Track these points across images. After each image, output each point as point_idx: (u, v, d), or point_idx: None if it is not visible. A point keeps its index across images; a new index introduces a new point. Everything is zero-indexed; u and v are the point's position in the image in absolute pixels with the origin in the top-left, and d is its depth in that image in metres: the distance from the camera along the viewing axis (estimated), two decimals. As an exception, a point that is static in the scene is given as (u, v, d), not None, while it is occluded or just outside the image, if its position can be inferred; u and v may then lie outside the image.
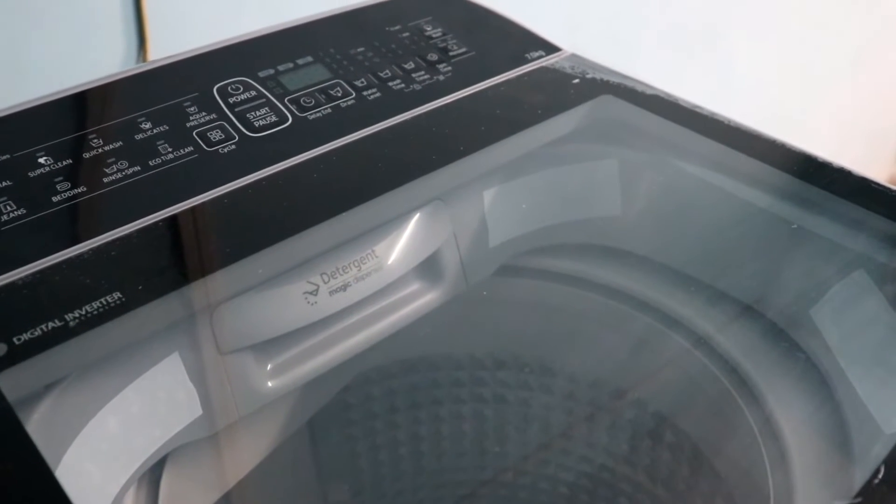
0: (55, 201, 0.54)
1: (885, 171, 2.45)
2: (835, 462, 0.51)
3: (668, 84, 0.70)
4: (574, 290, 0.71)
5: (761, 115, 1.87)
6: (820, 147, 0.63)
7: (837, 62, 2.05)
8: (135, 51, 0.95)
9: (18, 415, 0.43)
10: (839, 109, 2.15)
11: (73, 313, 0.47)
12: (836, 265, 0.59)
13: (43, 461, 0.41)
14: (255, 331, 0.57)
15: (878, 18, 2.09)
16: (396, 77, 0.67)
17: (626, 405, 0.73)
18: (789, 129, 2.00)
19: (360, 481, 0.85)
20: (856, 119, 2.23)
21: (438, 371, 0.80)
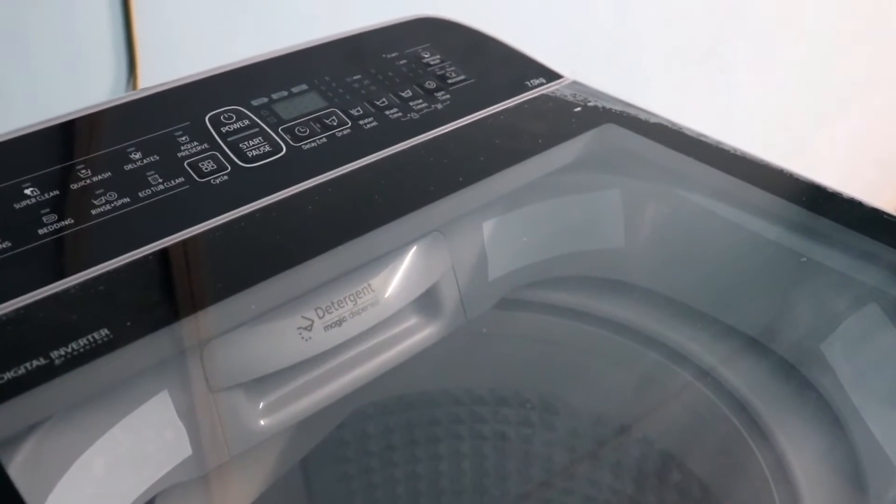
0: (41, 234, 0.54)
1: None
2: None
3: (671, 107, 0.70)
4: (577, 325, 0.71)
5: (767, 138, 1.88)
6: (829, 172, 0.63)
7: (847, 85, 2.06)
8: (124, 78, 0.95)
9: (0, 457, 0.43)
10: (849, 133, 2.16)
11: (58, 351, 0.47)
12: (848, 299, 0.59)
13: (25, 506, 0.41)
14: (247, 367, 0.57)
15: (889, 40, 2.10)
16: (393, 105, 0.67)
17: (632, 443, 0.73)
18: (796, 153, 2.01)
19: (355, 522, 0.84)
20: (866, 143, 2.24)
21: (437, 407, 0.80)
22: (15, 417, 0.46)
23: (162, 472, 0.55)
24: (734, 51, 1.72)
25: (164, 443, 0.55)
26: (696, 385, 0.64)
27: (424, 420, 0.81)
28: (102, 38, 0.92)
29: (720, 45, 1.69)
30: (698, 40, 1.64)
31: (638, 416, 0.72)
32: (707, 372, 0.64)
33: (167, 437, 0.55)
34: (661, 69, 1.59)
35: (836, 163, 2.14)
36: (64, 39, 0.90)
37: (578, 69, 0.75)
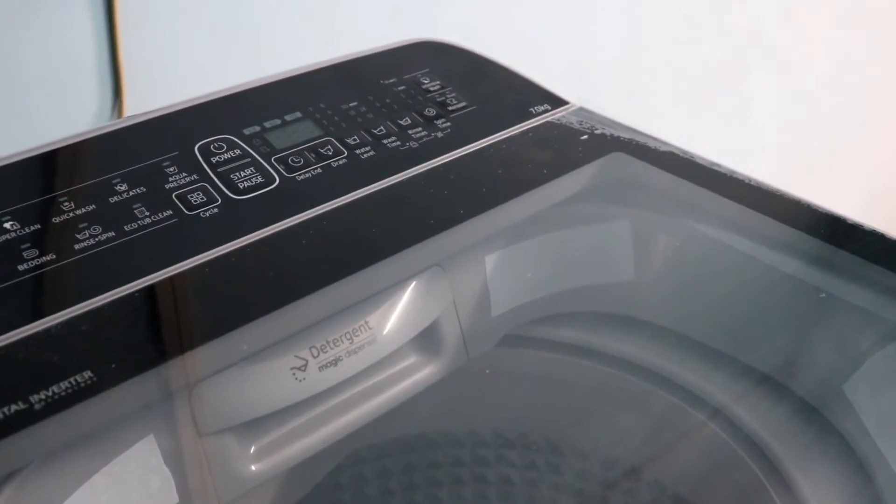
0: (21, 270, 0.54)
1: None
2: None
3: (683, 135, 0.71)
4: (584, 363, 0.71)
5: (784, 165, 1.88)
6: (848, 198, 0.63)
7: (864, 108, 2.07)
8: (109, 104, 0.96)
9: (-24, 508, 0.43)
10: (868, 158, 2.17)
11: (38, 395, 0.47)
12: (871, 336, 0.59)
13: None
14: (238, 410, 0.57)
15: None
16: (391, 134, 0.68)
17: (643, 488, 0.73)
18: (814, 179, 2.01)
19: (351, 571, 0.84)
20: (886, 168, 2.24)
21: (437, 449, 0.80)
22: (-8, 466, 0.46)
23: (147, 521, 0.55)
24: (748, 76, 1.73)
25: (150, 491, 0.55)
26: (711, 427, 0.64)
27: (424, 463, 0.80)
28: (87, 61, 0.93)
29: (732, 67, 1.69)
30: (709, 63, 1.65)
31: (649, 460, 0.72)
32: (723, 413, 0.64)
33: (153, 484, 0.55)
34: (672, 95, 1.60)
35: (855, 189, 2.15)
36: (45, 63, 0.91)
37: (585, 95, 0.75)
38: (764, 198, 0.64)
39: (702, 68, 1.64)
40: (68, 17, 0.91)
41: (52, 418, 0.46)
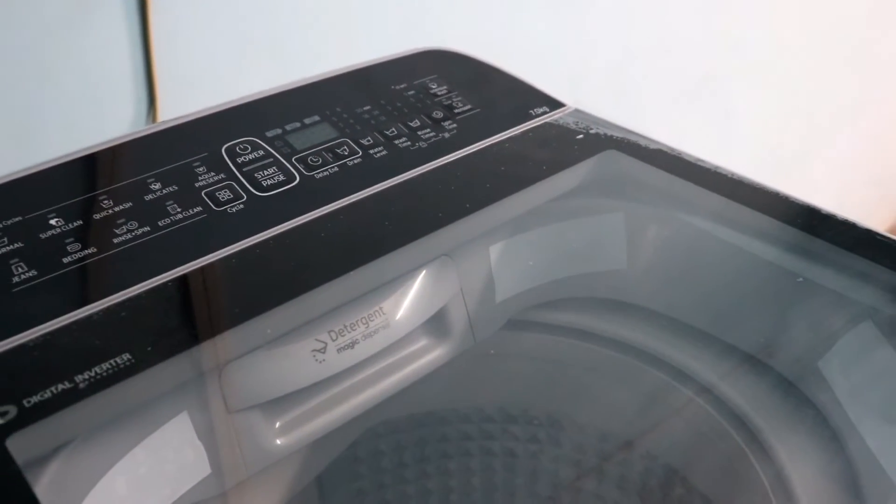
0: (66, 262, 0.54)
1: (891, 216, 2.45)
2: (848, 518, 0.51)
3: (671, 134, 0.70)
4: (582, 344, 0.70)
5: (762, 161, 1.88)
6: (822, 193, 0.63)
7: (837, 109, 2.06)
8: (144, 112, 0.96)
9: (27, 477, 0.43)
10: (841, 155, 2.16)
11: (82, 375, 0.47)
12: (844, 317, 0.59)
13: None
14: (264, 389, 0.57)
15: (878, 65, 2.10)
16: (402, 135, 0.68)
17: (636, 459, 0.73)
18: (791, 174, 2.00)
19: (369, 537, 0.84)
20: (858, 165, 2.24)
21: (447, 425, 0.80)
22: (42, 439, 0.46)
23: (182, 490, 0.55)
24: (730, 79, 1.73)
25: (184, 462, 0.55)
26: (698, 402, 0.64)
27: (435, 437, 0.80)
28: (124, 73, 0.93)
29: (717, 73, 1.69)
30: (695, 69, 1.65)
31: (642, 432, 0.71)
32: (708, 389, 0.64)
33: (187, 456, 0.55)
34: (660, 97, 1.60)
35: (830, 183, 2.14)
36: (87, 75, 0.91)
37: (580, 99, 0.75)
38: (745, 191, 0.64)
39: (687, 75, 1.63)
40: (108, 34, 0.91)
41: (95, 396, 0.47)
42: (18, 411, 0.45)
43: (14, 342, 0.49)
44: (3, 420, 0.45)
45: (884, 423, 0.54)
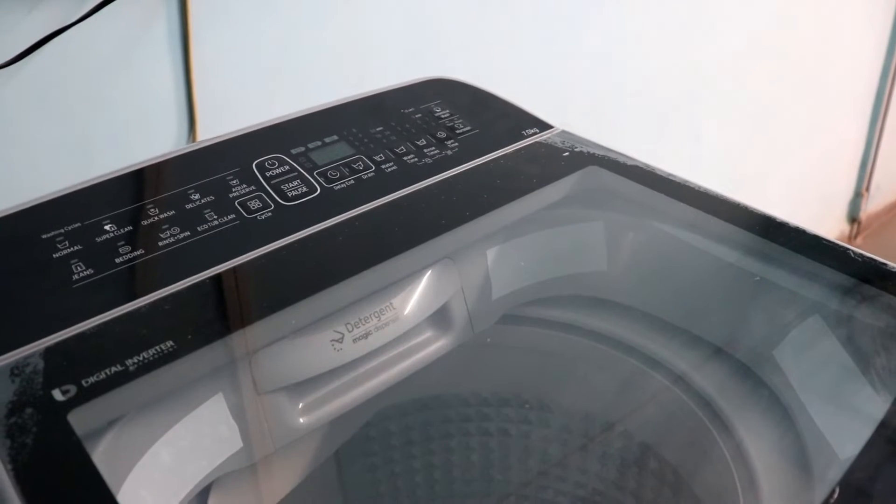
0: (118, 262, 0.55)
1: (836, 228, 2.45)
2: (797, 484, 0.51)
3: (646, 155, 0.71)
4: (567, 336, 0.70)
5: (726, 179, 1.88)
6: (777, 207, 0.64)
7: (792, 134, 2.07)
8: (185, 132, 0.96)
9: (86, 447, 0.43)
10: (794, 174, 2.16)
11: (132, 359, 0.48)
12: (795, 312, 0.59)
13: (107, 489, 0.41)
14: (289, 374, 0.57)
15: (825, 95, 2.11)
16: (410, 152, 0.68)
17: (615, 437, 0.73)
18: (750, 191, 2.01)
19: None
20: (809, 183, 2.24)
21: (449, 408, 0.80)
22: (98, 414, 0.46)
23: (217, 461, 0.55)
24: (698, 108, 1.73)
25: (219, 437, 0.55)
26: (669, 386, 0.64)
27: (438, 419, 0.80)
28: (168, 99, 0.94)
29: (686, 102, 1.70)
30: (668, 99, 1.65)
31: (620, 414, 0.72)
32: (678, 374, 0.64)
33: (222, 432, 0.55)
34: (636, 121, 1.60)
35: (784, 199, 2.14)
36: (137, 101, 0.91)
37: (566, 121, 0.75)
38: (711, 202, 0.64)
39: (661, 104, 1.64)
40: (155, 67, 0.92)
41: (143, 378, 0.47)
42: (78, 390, 0.46)
43: (74, 331, 0.50)
44: (65, 397, 0.45)
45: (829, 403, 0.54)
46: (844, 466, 0.44)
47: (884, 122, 2.33)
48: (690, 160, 1.77)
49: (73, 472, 0.42)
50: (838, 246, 0.58)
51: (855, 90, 2.23)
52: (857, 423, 0.51)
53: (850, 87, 2.20)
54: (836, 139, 2.27)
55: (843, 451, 0.51)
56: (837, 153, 2.31)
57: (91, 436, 0.46)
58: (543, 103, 0.77)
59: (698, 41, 1.65)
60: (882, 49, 2.23)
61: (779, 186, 2.11)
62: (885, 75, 2.27)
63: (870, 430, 0.46)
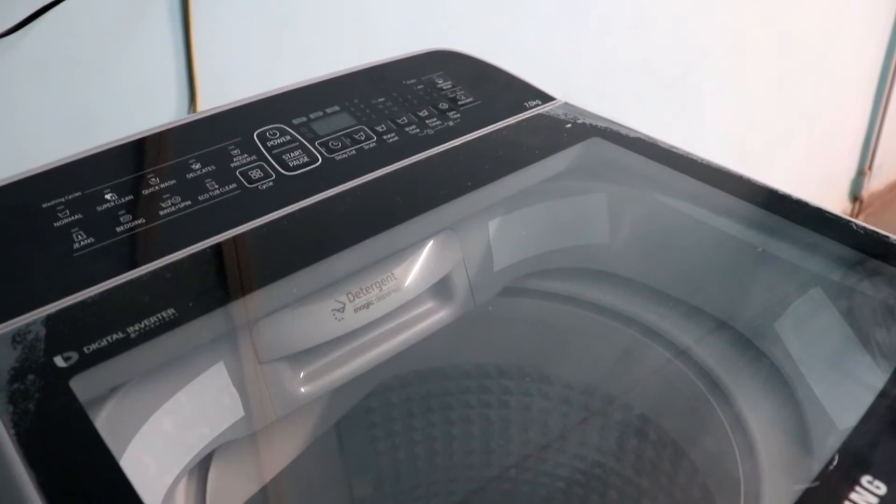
0: (119, 231, 0.55)
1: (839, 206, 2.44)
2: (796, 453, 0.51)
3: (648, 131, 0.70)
4: (568, 308, 0.70)
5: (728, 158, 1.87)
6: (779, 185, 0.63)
7: (796, 114, 2.06)
8: (186, 104, 0.96)
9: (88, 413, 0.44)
10: (797, 152, 2.16)
11: (133, 326, 0.48)
12: (796, 284, 0.59)
13: (110, 453, 0.41)
14: (290, 343, 0.58)
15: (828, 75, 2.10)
16: (412, 123, 0.68)
17: (615, 408, 0.73)
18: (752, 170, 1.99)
19: (381, 476, 0.84)
20: (811, 161, 2.23)
21: (449, 380, 0.80)
22: (100, 381, 0.47)
23: (219, 430, 0.56)
24: (701, 83, 1.72)
25: (221, 406, 0.55)
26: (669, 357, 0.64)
27: (439, 391, 0.81)
28: (168, 71, 0.93)
29: (689, 81, 1.69)
30: (671, 77, 1.64)
31: (620, 385, 0.72)
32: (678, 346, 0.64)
33: (223, 401, 0.55)
34: (639, 100, 1.59)
35: (787, 179, 2.14)
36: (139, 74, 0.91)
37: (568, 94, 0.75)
38: (714, 174, 0.64)
39: (664, 79, 1.63)
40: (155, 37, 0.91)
41: (144, 345, 0.47)
42: (80, 356, 0.46)
43: (75, 299, 0.50)
44: (67, 364, 0.46)
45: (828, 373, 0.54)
46: (843, 437, 0.44)
47: (888, 101, 2.32)
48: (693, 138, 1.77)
49: (76, 437, 0.42)
50: (840, 219, 0.58)
51: (859, 68, 2.22)
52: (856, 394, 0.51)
53: (854, 65, 2.19)
54: (840, 117, 2.26)
55: (842, 421, 0.51)
56: (840, 131, 2.30)
57: (93, 402, 0.46)
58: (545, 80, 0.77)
59: (702, 19, 1.64)
60: (887, 28, 2.22)
61: (781, 164, 2.11)
62: (889, 53, 2.26)
63: (869, 400, 0.47)
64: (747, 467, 0.52)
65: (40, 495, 0.39)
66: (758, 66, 1.84)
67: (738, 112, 1.87)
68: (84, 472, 0.41)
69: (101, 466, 0.41)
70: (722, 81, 1.78)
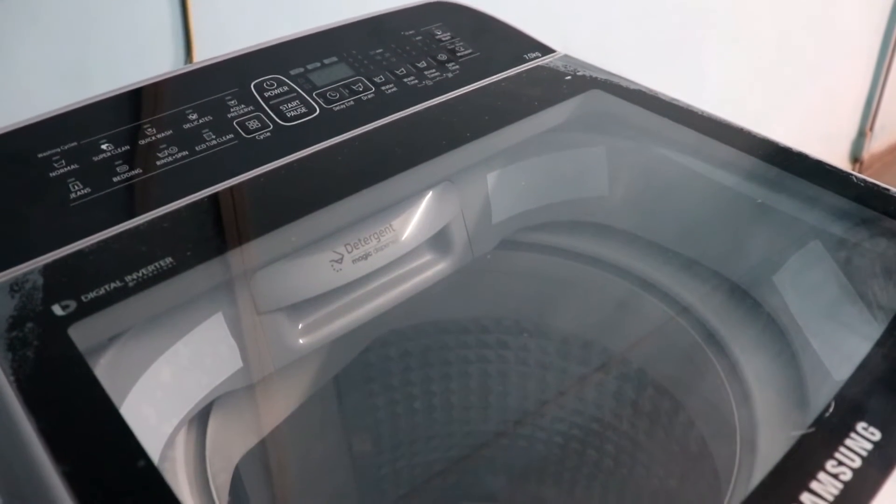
0: (115, 181, 0.55)
1: (841, 167, 2.43)
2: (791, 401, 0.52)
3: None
4: (566, 262, 0.70)
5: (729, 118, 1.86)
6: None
7: (796, 72, 2.05)
8: (182, 54, 0.95)
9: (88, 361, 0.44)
10: (797, 113, 2.15)
11: (131, 275, 0.48)
12: (795, 236, 0.59)
13: (110, 400, 0.42)
14: (289, 294, 0.58)
15: (834, 34, 2.08)
16: (411, 74, 0.67)
17: (612, 361, 0.73)
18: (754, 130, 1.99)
19: (379, 431, 0.85)
20: (812, 122, 2.22)
21: (447, 335, 0.80)
22: (98, 330, 0.47)
23: (218, 380, 0.56)
24: (701, 41, 1.71)
25: (220, 356, 0.56)
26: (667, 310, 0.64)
27: (437, 346, 0.81)
28: (164, 21, 0.92)
29: (690, 39, 1.67)
30: (672, 34, 1.63)
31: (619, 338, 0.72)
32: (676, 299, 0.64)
33: (222, 351, 0.56)
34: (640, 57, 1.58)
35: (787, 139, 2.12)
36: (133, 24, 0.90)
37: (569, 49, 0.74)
38: (714, 126, 0.64)
39: (664, 37, 1.62)
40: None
41: (142, 293, 0.47)
42: (78, 305, 0.46)
43: (73, 248, 0.50)
44: (65, 312, 0.46)
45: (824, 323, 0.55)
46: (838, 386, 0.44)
47: (891, 61, 2.30)
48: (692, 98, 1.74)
49: (76, 384, 0.43)
50: (840, 171, 0.58)
51: (862, 28, 2.20)
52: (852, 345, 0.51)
53: (857, 23, 2.17)
54: (842, 77, 2.24)
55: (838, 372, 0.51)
56: (842, 92, 2.29)
57: (92, 351, 0.47)
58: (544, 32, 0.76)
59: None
60: (892, -15, 2.20)
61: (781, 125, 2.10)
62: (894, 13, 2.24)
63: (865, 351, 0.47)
64: (743, 415, 0.52)
65: (41, 440, 0.39)
66: (759, 23, 1.83)
67: (738, 72, 1.85)
68: (84, 418, 0.41)
69: (101, 412, 0.41)
70: (723, 40, 1.76)
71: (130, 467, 0.38)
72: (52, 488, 0.37)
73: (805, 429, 0.41)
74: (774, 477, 0.40)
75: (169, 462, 0.52)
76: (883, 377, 0.45)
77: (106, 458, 0.39)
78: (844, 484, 0.39)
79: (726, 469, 0.50)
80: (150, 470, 0.38)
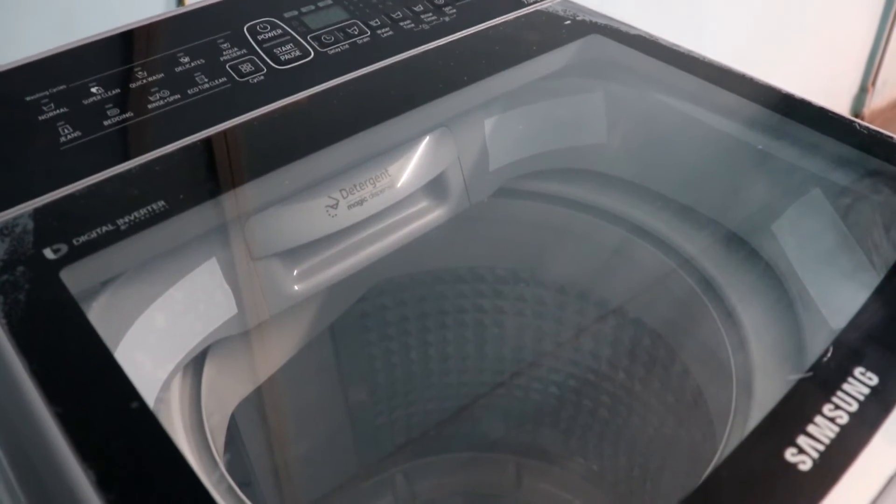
0: (106, 125, 0.54)
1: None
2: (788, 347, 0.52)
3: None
4: (563, 210, 0.70)
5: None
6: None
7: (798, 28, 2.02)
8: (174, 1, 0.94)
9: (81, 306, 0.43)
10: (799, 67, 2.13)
11: (123, 219, 0.48)
12: (795, 184, 0.58)
13: (102, 343, 0.41)
14: (283, 239, 0.57)
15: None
16: (407, 18, 0.66)
17: (609, 309, 0.74)
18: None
19: (375, 382, 0.85)
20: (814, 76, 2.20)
21: (444, 284, 0.80)
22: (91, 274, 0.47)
23: (212, 327, 0.56)
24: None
25: (214, 302, 0.55)
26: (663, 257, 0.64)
27: (433, 295, 0.81)
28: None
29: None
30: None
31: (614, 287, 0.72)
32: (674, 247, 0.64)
33: (216, 297, 0.56)
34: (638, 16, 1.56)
35: (790, 91, 2.11)
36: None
37: None
38: (715, 72, 0.63)
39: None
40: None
41: (134, 237, 0.47)
42: (69, 248, 0.46)
43: (63, 192, 0.50)
44: (57, 256, 0.46)
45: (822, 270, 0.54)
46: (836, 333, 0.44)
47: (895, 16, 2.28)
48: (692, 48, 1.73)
49: (68, 327, 0.43)
50: (842, 118, 0.58)
51: (867, -22, 2.17)
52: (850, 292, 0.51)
53: (861, -26, 2.14)
54: (844, 31, 2.22)
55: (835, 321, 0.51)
56: (844, 46, 2.26)
57: (85, 296, 0.46)
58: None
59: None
60: (898, -65, 2.17)
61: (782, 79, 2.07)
62: (899, -35, 2.21)
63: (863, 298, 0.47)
64: (739, 361, 0.52)
65: (34, 382, 0.39)
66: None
67: (738, 25, 1.83)
68: (76, 360, 0.41)
69: (94, 354, 0.41)
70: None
71: (123, 408, 0.38)
72: (46, 430, 0.37)
73: (803, 373, 0.41)
74: (771, 420, 0.40)
75: (164, 405, 0.52)
76: (881, 324, 0.45)
77: (99, 399, 0.39)
78: (841, 427, 0.39)
79: (723, 414, 0.51)
80: (144, 411, 0.38)
